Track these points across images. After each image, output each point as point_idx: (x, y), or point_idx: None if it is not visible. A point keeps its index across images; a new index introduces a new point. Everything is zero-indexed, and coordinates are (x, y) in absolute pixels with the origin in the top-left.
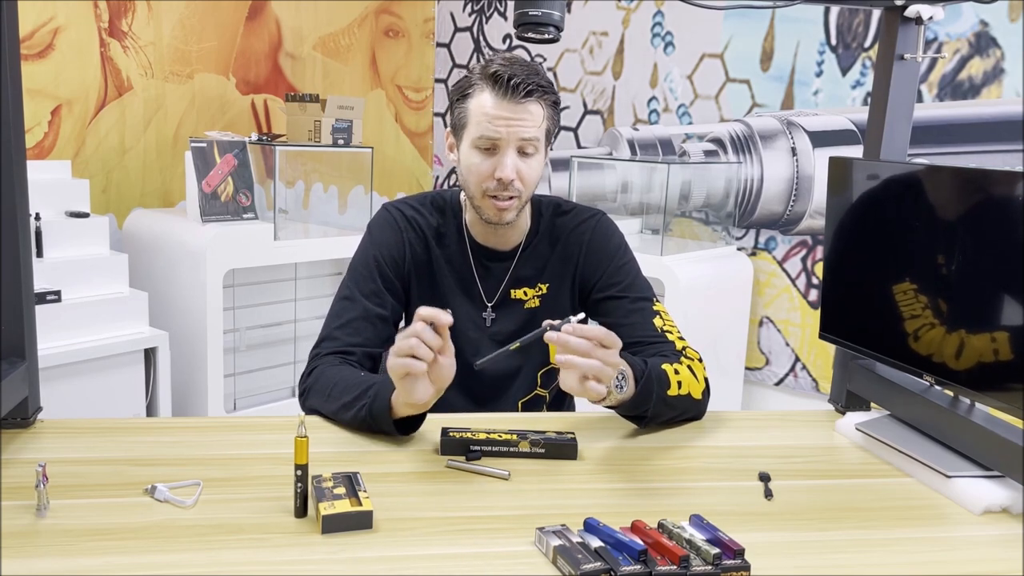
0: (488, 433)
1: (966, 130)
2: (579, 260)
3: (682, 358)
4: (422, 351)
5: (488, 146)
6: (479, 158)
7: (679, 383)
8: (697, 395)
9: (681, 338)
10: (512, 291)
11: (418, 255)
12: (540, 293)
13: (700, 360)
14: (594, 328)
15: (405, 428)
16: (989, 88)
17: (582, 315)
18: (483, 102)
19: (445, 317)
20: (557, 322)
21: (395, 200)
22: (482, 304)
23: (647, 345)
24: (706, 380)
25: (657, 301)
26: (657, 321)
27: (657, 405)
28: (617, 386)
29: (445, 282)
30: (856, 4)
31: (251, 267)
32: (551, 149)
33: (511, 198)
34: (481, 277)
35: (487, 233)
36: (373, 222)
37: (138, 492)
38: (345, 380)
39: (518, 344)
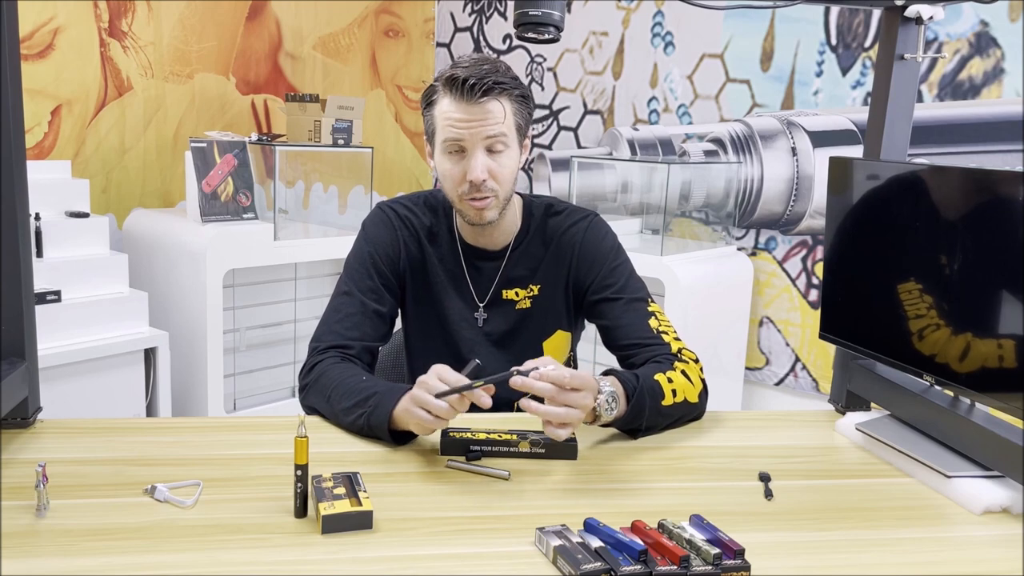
0: (488, 433)
1: (966, 130)
2: (572, 263)
3: (676, 362)
4: (446, 415)
5: (455, 149)
6: (450, 163)
7: (673, 391)
8: (693, 398)
9: (677, 339)
10: (503, 291)
11: (412, 254)
12: (531, 294)
13: (696, 361)
14: (560, 372)
15: (400, 438)
16: (989, 88)
17: (552, 364)
18: (444, 107)
19: (486, 401)
20: (526, 368)
21: (389, 199)
22: (474, 304)
23: (643, 347)
24: (703, 381)
25: (652, 302)
26: (652, 322)
27: (652, 417)
28: (607, 409)
29: (438, 281)
30: (856, 4)
31: (251, 267)
32: (529, 142)
33: (487, 197)
34: (472, 277)
35: (476, 233)
36: (368, 220)
37: (138, 492)
38: (345, 384)
39: (482, 383)
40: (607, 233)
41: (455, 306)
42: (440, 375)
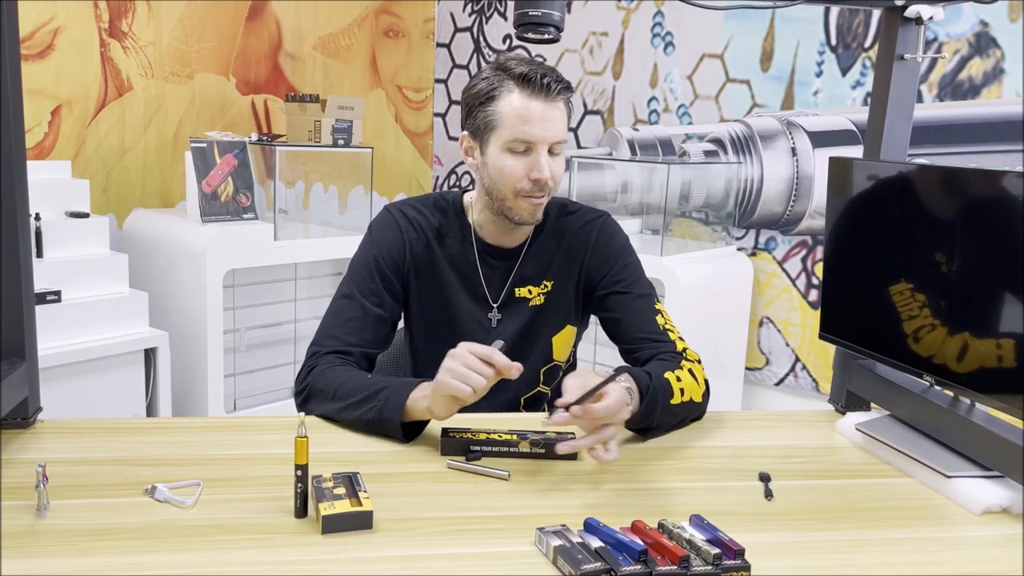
0: (488, 433)
1: (966, 130)
2: (585, 258)
3: (682, 361)
4: (478, 383)
5: (522, 148)
6: (513, 160)
7: (681, 390)
8: (698, 398)
9: (681, 339)
10: (516, 289)
11: (419, 256)
12: (545, 290)
13: (699, 362)
14: (596, 410)
15: (408, 434)
16: (989, 88)
17: (578, 390)
18: (516, 104)
19: (516, 371)
20: (559, 403)
21: (397, 201)
22: (487, 304)
23: (649, 342)
24: (706, 382)
25: (659, 301)
26: (659, 319)
27: (662, 415)
28: (626, 403)
29: (447, 282)
30: (856, 4)
31: (251, 267)
32: None
33: (543, 196)
34: (486, 276)
35: (496, 232)
36: (374, 223)
37: (138, 492)
38: (352, 379)
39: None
40: (619, 232)
41: (466, 307)
42: (470, 349)
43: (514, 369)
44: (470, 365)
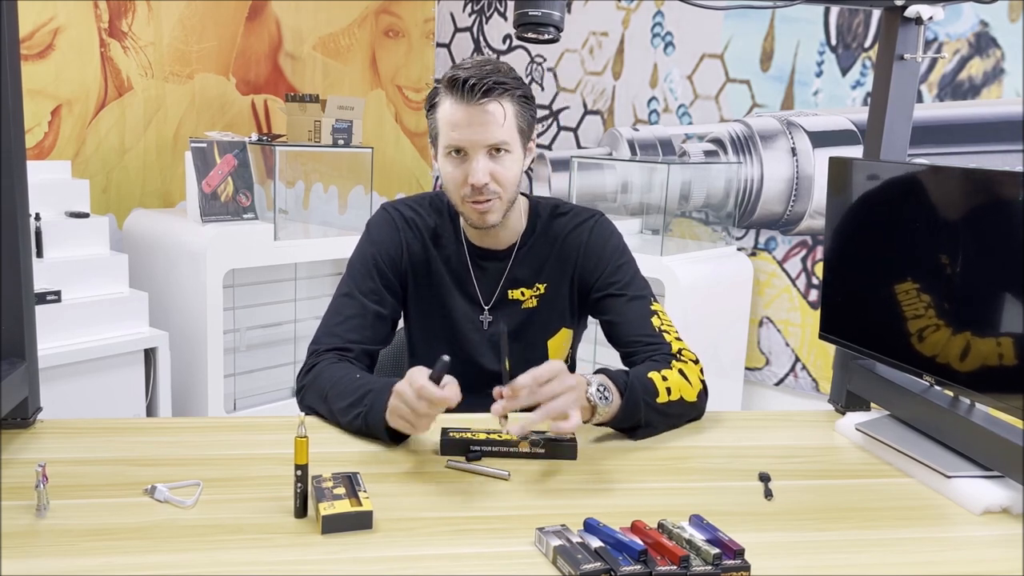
0: (488, 433)
1: (966, 130)
2: (578, 260)
3: (674, 361)
4: (422, 426)
5: (458, 154)
6: (451, 166)
7: (668, 389)
8: (691, 398)
9: (678, 339)
10: (509, 291)
11: (416, 255)
12: (538, 293)
13: (696, 362)
14: (525, 377)
15: (398, 436)
16: (989, 88)
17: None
18: (446, 110)
19: (454, 400)
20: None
21: (393, 200)
22: (479, 306)
23: (644, 345)
24: (703, 382)
25: (655, 301)
26: (655, 320)
27: (648, 414)
28: (601, 398)
29: (443, 283)
30: (856, 4)
31: (251, 267)
32: (533, 144)
33: (489, 200)
34: (478, 278)
35: (481, 234)
36: (372, 221)
37: (138, 492)
38: (342, 383)
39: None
40: (613, 232)
41: (460, 308)
42: (412, 383)
43: (452, 400)
44: (412, 407)
